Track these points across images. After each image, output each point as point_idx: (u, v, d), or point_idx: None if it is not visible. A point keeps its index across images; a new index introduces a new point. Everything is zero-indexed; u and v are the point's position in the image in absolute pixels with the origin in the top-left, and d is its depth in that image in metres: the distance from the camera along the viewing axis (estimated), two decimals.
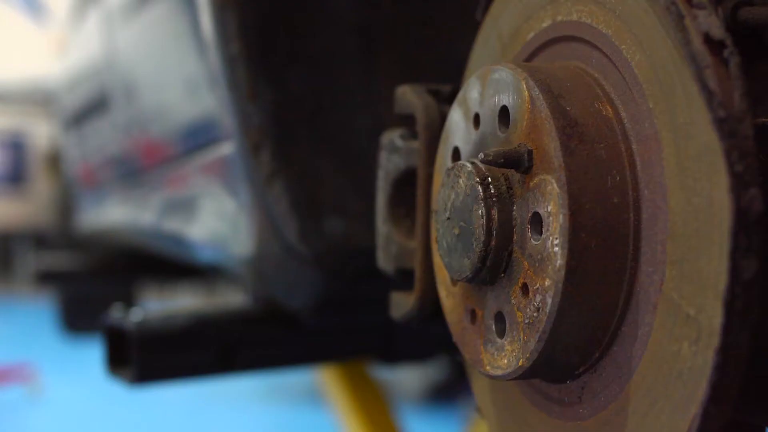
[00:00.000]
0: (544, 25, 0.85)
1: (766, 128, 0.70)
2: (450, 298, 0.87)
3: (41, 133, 9.13)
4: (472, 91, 0.85)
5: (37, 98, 8.74)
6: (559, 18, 0.83)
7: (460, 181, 0.81)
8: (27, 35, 9.29)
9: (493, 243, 0.79)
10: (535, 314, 0.76)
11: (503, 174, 0.80)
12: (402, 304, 0.97)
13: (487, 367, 0.81)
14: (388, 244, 1.02)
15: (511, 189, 0.79)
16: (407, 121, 0.97)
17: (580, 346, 0.76)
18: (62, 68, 3.30)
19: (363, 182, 1.33)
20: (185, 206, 1.86)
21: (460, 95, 0.88)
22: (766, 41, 0.73)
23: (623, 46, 0.76)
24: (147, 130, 2.11)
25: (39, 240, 8.62)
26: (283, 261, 1.37)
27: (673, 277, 0.70)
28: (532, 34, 0.87)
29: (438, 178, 0.90)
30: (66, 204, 4.73)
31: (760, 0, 0.73)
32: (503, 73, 0.81)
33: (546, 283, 0.75)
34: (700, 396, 0.67)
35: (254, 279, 1.51)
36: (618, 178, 0.75)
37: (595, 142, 0.76)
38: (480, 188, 0.79)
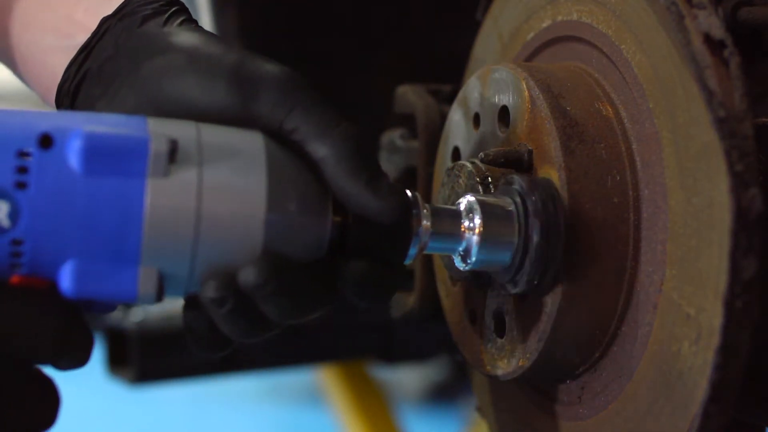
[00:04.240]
0: (544, 25, 0.85)
1: (766, 128, 0.70)
2: (450, 298, 0.87)
3: None
4: (472, 91, 0.85)
5: (37, 98, 8.73)
6: (559, 18, 0.83)
7: (460, 180, 0.81)
8: None
9: None
10: (535, 314, 0.76)
11: (503, 174, 0.80)
12: (402, 303, 0.97)
13: (487, 367, 0.81)
14: None
15: None
16: (407, 121, 0.97)
17: (580, 346, 0.76)
18: None
19: None
20: None
21: (460, 95, 0.88)
22: (766, 41, 0.73)
23: (623, 46, 0.76)
24: None
25: None
26: None
27: (673, 277, 0.70)
28: (532, 34, 0.87)
29: (438, 177, 0.90)
30: None
31: (760, 0, 0.73)
32: (503, 73, 0.81)
33: None
34: (700, 396, 0.67)
35: None
36: (618, 178, 0.75)
37: (596, 142, 0.76)
38: (480, 188, 0.79)
